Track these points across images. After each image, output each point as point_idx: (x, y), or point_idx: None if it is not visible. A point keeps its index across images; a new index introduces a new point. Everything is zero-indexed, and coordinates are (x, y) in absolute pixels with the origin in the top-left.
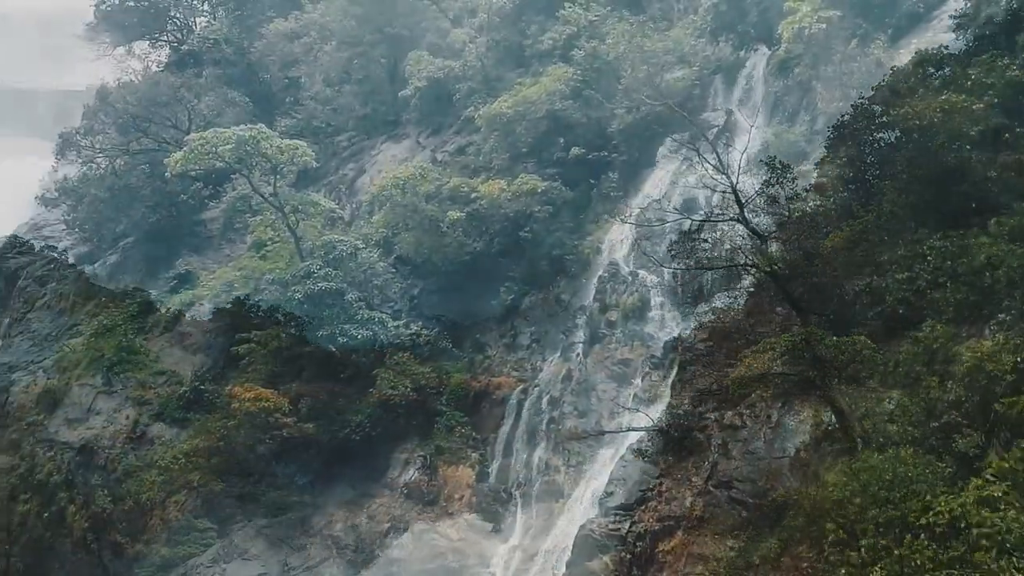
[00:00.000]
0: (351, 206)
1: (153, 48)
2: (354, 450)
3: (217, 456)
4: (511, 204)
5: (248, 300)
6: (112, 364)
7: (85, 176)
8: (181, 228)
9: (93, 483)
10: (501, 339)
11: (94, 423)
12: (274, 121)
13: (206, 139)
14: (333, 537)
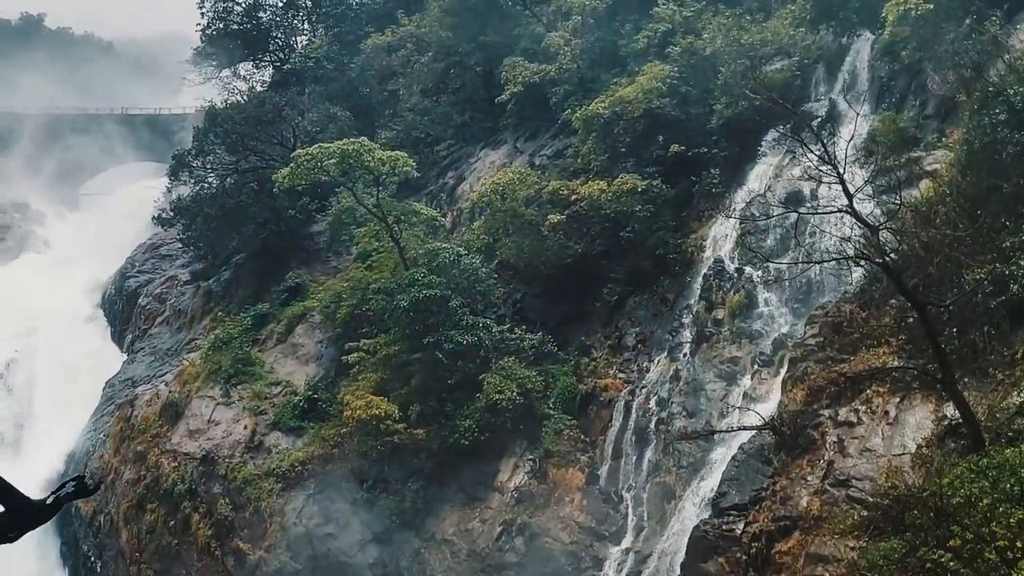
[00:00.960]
0: (452, 213)
1: (257, 68)
2: (464, 455)
3: (331, 463)
4: (611, 205)
5: (356, 310)
6: (229, 376)
7: (197, 196)
8: (290, 242)
9: (215, 491)
10: (606, 341)
11: (214, 433)
12: (375, 134)
13: (311, 154)
14: (446, 541)
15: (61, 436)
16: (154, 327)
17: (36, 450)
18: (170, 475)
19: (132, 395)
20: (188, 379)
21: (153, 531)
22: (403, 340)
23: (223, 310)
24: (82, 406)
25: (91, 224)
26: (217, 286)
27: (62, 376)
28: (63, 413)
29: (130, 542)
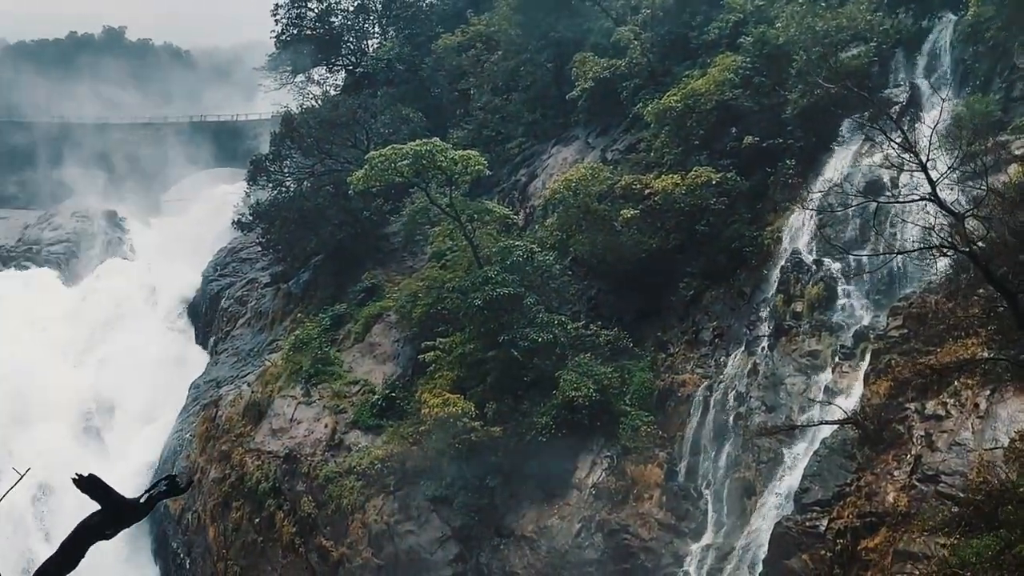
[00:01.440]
0: (525, 211)
1: (330, 73)
2: (541, 452)
3: (411, 461)
4: (686, 198)
5: (431, 309)
6: (310, 376)
7: (275, 199)
8: (365, 243)
9: (298, 489)
10: (683, 336)
11: (296, 432)
12: (447, 133)
13: (385, 156)
14: (525, 538)
15: (149, 436)
16: (236, 329)
17: (125, 450)
18: (254, 473)
19: (216, 396)
20: (270, 379)
21: (239, 528)
22: (478, 338)
23: (302, 311)
24: (169, 407)
25: (173, 230)
26: (296, 288)
27: (149, 378)
28: (151, 414)
29: (217, 539)
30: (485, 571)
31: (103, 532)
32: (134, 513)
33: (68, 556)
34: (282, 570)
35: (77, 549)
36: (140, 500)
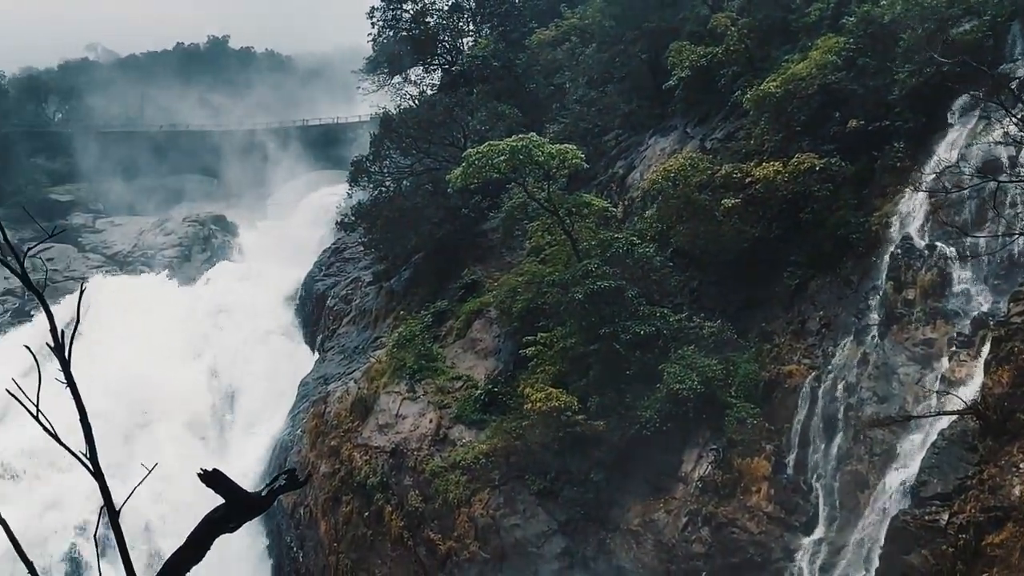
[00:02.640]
0: (623, 203)
1: (426, 73)
2: (645, 445)
3: (515, 455)
4: (788, 186)
5: (531, 303)
6: (414, 372)
7: (376, 200)
8: (464, 240)
9: (405, 484)
10: (788, 326)
11: (402, 428)
12: (543, 128)
13: (482, 153)
14: (632, 531)
15: (262, 433)
16: (342, 327)
17: (239, 447)
18: (362, 468)
19: (324, 392)
20: (375, 376)
21: (349, 522)
22: (579, 332)
23: (404, 308)
24: (280, 404)
25: (279, 232)
26: (398, 285)
27: (260, 377)
28: (263, 412)
29: (328, 533)
30: (591, 565)
31: (227, 525)
32: (255, 507)
33: (195, 548)
34: (391, 563)
35: (203, 542)
36: (261, 494)
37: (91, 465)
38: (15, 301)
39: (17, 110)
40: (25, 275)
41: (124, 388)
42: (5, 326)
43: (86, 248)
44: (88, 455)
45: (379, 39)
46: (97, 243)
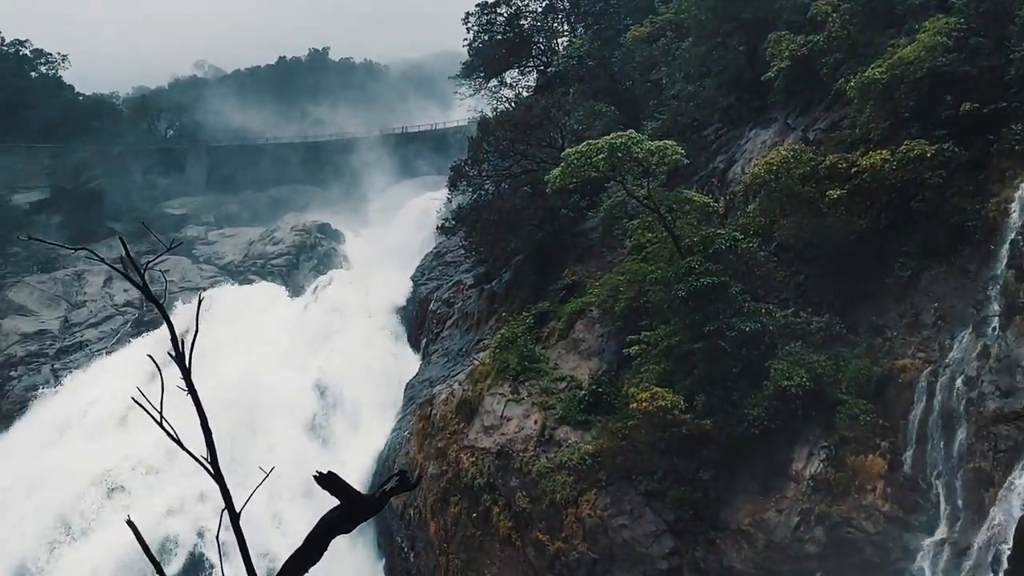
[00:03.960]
0: (725, 198)
1: (522, 75)
2: (754, 444)
3: (621, 455)
4: (897, 174)
5: (634, 302)
6: (517, 373)
7: (476, 203)
8: (564, 240)
9: (512, 485)
10: (901, 319)
11: (507, 429)
12: (640, 125)
13: (580, 152)
14: (742, 531)
15: (370, 435)
16: (445, 330)
17: (349, 449)
18: (469, 470)
19: (430, 395)
20: (479, 377)
21: (457, 523)
22: (683, 330)
23: (506, 310)
24: (387, 407)
25: (382, 238)
26: (499, 288)
27: (368, 380)
28: (371, 414)
29: (438, 533)
30: (702, 565)
31: (343, 526)
32: (369, 508)
33: (313, 549)
34: (500, 563)
35: (320, 542)
36: (375, 495)
37: (212, 469)
38: (134, 312)
39: (131, 129)
40: (147, 287)
41: (237, 394)
42: (126, 336)
43: (199, 259)
44: (209, 459)
45: (474, 44)
46: (210, 254)
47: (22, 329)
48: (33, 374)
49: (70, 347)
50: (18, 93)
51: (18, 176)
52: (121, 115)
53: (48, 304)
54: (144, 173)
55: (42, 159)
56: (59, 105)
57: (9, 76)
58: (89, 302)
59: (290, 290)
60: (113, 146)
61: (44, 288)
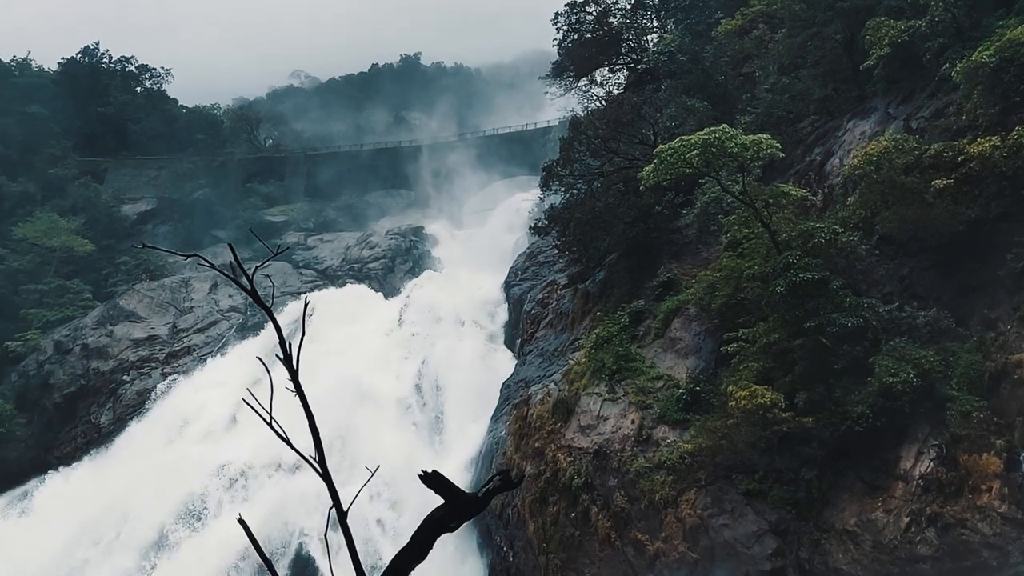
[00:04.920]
0: (823, 191)
1: (612, 73)
2: (859, 442)
3: (720, 454)
4: (1008, 162)
5: (731, 299)
6: (613, 373)
7: (568, 202)
8: (658, 238)
9: (610, 484)
10: (1015, 312)
11: (603, 429)
12: (734, 120)
13: (673, 148)
14: (848, 532)
15: (468, 435)
16: (539, 330)
17: (448, 449)
18: (567, 469)
19: (526, 395)
20: (575, 377)
21: (556, 523)
22: (783, 327)
23: (601, 310)
24: (483, 407)
25: (475, 240)
26: (593, 287)
27: (464, 381)
28: (468, 415)
29: (536, 533)
30: (806, 566)
31: (447, 525)
32: (474, 507)
33: (419, 547)
34: (600, 563)
35: (426, 540)
36: (479, 495)
37: (320, 468)
38: (238, 317)
39: (232, 139)
40: (255, 292)
41: (336, 395)
42: (231, 340)
43: (299, 265)
44: (317, 459)
45: (564, 43)
46: (309, 259)
47: (133, 335)
48: (144, 378)
49: (178, 352)
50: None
51: (127, 188)
52: (222, 126)
53: (157, 310)
54: (245, 182)
55: (149, 171)
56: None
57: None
58: (196, 308)
59: (386, 293)
60: (215, 156)
61: (153, 295)
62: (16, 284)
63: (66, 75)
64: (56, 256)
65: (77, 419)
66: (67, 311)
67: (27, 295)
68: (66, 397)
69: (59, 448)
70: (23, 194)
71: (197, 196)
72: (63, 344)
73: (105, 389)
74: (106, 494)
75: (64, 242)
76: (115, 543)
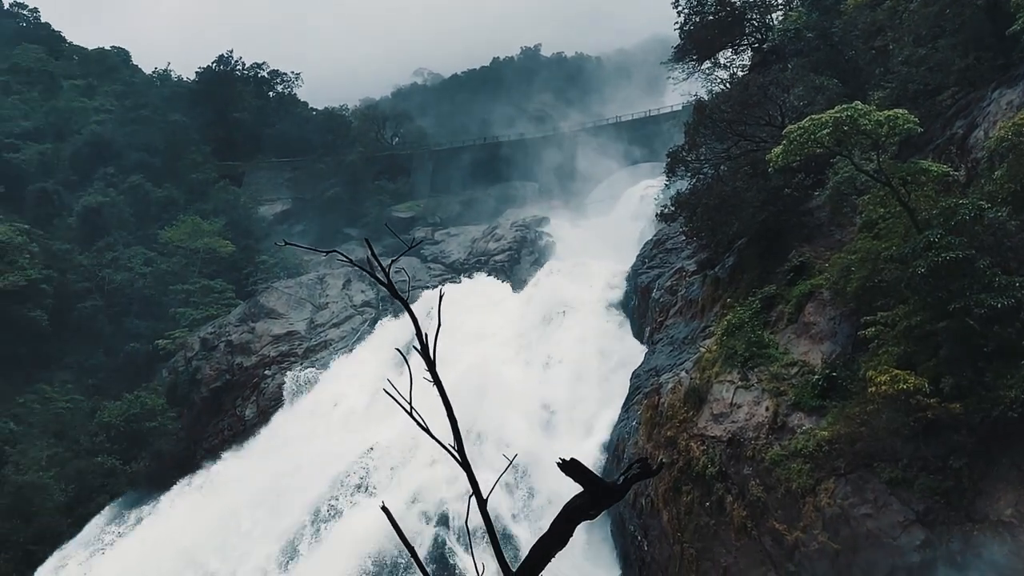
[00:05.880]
0: (965, 166)
1: (736, 54)
2: (1012, 428)
3: (860, 442)
4: None
5: (868, 282)
6: (745, 360)
7: (694, 188)
8: (789, 221)
9: (744, 473)
10: None
11: (737, 417)
12: (866, 96)
13: (803, 128)
14: (1004, 523)
15: (598, 425)
16: (668, 318)
17: (578, 438)
18: (700, 458)
19: (656, 384)
20: (706, 365)
21: (690, 512)
22: (925, 309)
23: (731, 296)
24: (613, 396)
25: (600, 229)
26: (722, 273)
27: (593, 371)
28: (597, 404)
29: (671, 522)
30: (958, 559)
31: (587, 512)
32: (613, 495)
33: (559, 534)
34: (736, 553)
35: (565, 528)
36: (618, 483)
37: (459, 456)
38: (371, 311)
39: (360, 138)
40: (391, 285)
41: (469, 385)
42: (364, 334)
43: (428, 259)
44: (456, 447)
45: (685, 27)
46: (437, 253)
47: (273, 331)
48: (284, 372)
49: (316, 346)
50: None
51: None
52: (350, 126)
53: (295, 307)
54: (373, 180)
55: (283, 173)
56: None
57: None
58: (331, 303)
59: (513, 284)
60: (344, 156)
61: (291, 292)
62: (165, 285)
63: (203, 83)
64: (200, 257)
65: (223, 412)
66: (211, 309)
67: (174, 295)
68: (212, 391)
69: (207, 440)
70: (167, 199)
71: (329, 195)
72: (209, 341)
73: (249, 383)
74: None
75: (207, 244)
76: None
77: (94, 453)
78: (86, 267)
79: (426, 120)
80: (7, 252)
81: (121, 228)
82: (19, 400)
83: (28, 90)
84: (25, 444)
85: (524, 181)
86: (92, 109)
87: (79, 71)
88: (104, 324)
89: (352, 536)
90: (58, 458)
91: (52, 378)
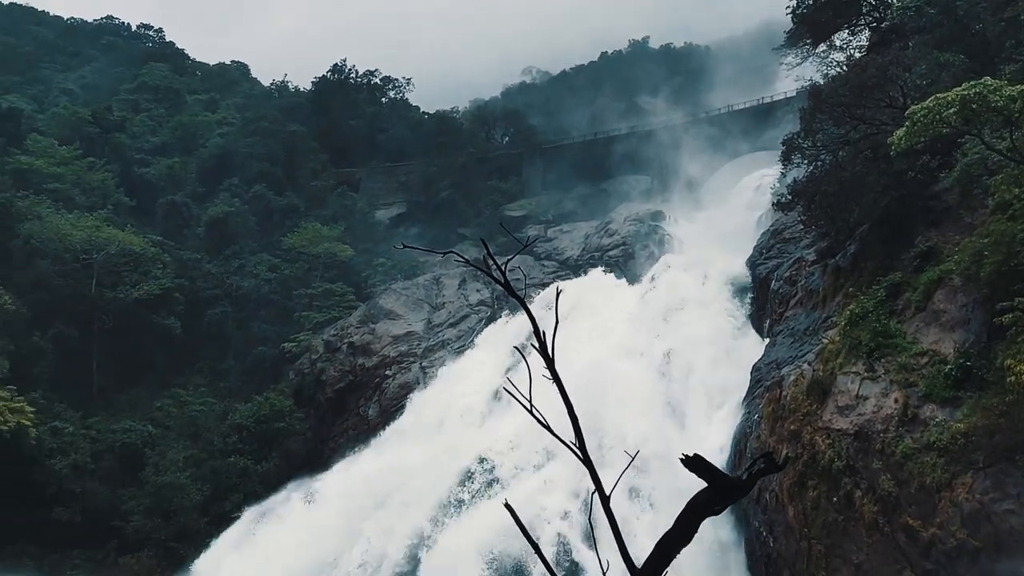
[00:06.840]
0: None
1: (852, 35)
2: None
3: (999, 434)
4: None
5: (1003, 266)
6: (871, 350)
7: (812, 175)
8: (913, 206)
9: (873, 467)
10: None
11: (864, 409)
12: (996, 71)
13: (927, 108)
14: None
15: (719, 419)
16: (788, 310)
17: (700, 433)
18: (826, 452)
19: (778, 376)
20: (829, 357)
21: (817, 507)
22: None
23: (853, 285)
24: (733, 390)
25: (715, 220)
26: (844, 261)
27: (711, 364)
28: (718, 398)
29: (797, 518)
30: None
31: (712, 508)
32: (737, 490)
33: (684, 530)
34: (868, 549)
35: (690, 524)
36: (741, 478)
37: (581, 453)
38: (486, 311)
39: (471, 139)
40: (508, 284)
41: (587, 381)
42: (481, 332)
43: (541, 257)
44: (577, 444)
45: (798, 10)
46: (550, 251)
47: (392, 332)
48: (405, 372)
49: (434, 346)
50: (373, 119)
51: (379, 194)
52: (461, 128)
53: (413, 308)
54: (485, 180)
55: (398, 177)
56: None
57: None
58: (447, 303)
59: (628, 279)
60: (456, 157)
61: (408, 293)
62: (289, 290)
63: (318, 92)
64: (321, 262)
65: (347, 412)
66: (333, 312)
67: (298, 299)
68: (337, 392)
69: (333, 440)
70: (289, 207)
71: (442, 197)
72: (332, 343)
73: (371, 384)
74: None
75: (327, 249)
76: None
77: (227, 454)
78: (214, 275)
79: (536, 118)
80: (142, 263)
81: (246, 236)
82: (157, 404)
83: (156, 107)
84: (163, 446)
85: (636, 175)
86: (215, 122)
87: (202, 86)
88: (233, 329)
89: (473, 533)
90: (194, 459)
91: (186, 382)
